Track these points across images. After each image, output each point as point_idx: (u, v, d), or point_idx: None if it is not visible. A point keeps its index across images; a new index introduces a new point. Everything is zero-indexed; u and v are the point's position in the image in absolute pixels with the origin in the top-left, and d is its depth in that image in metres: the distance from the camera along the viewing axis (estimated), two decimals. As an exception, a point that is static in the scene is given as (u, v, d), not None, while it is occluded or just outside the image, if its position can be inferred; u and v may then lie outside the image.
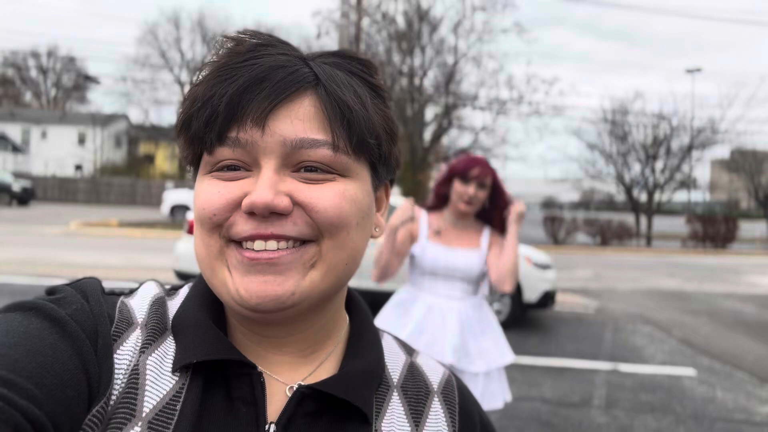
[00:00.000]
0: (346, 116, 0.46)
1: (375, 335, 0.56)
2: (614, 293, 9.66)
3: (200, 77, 0.47)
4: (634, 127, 22.52)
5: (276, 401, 0.48)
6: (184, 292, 0.54)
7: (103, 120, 41.62)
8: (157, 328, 0.49)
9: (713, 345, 6.28)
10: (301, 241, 0.46)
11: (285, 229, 0.45)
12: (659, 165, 22.50)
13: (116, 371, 0.45)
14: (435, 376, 0.57)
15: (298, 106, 0.46)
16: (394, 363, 0.56)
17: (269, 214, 0.45)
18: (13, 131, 41.10)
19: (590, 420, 3.79)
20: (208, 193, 0.47)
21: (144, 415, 0.43)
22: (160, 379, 0.46)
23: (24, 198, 25.69)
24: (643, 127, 22.40)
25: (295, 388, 0.49)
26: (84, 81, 43.20)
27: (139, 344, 0.47)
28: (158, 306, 0.51)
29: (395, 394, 0.53)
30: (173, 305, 0.52)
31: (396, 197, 7.11)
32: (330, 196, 0.46)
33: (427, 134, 26.19)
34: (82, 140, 41.27)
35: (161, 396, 0.45)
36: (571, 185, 24.64)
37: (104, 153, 40.53)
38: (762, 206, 49.16)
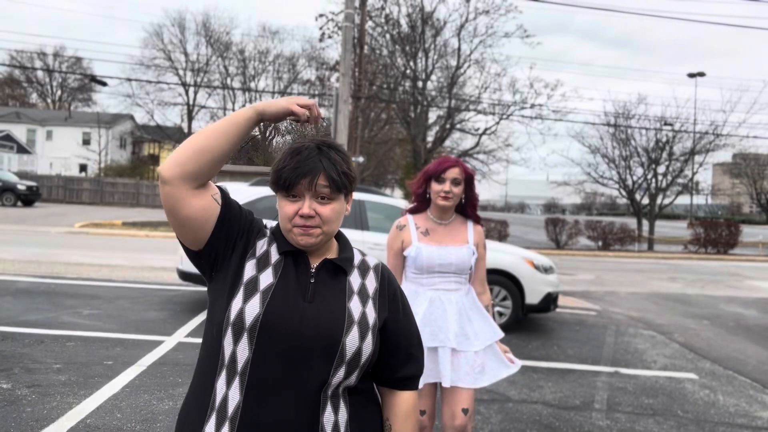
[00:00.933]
0: (334, 180, 1.17)
1: (350, 246, 1.29)
2: (616, 297, 9.67)
3: (285, 160, 1.18)
4: (637, 131, 22.49)
5: (313, 266, 1.22)
6: (276, 227, 1.26)
7: (108, 121, 41.76)
8: (271, 239, 1.24)
9: (715, 349, 6.29)
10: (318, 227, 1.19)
11: (312, 222, 1.17)
12: (661, 169, 22.47)
13: (258, 246, 1.22)
14: (372, 263, 1.30)
15: (319, 178, 1.16)
16: (356, 257, 1.29)
17: (308, 217, 1.17)
18: (19, 132, 41.25)
19: (591, 423, 3.81)
20: (288, 206, 1.18)
21: (272, 261, 1.20)
22: (276, 254, 1.21)
23: (29, 198, 25.78)
24: (646, 131, 22.37)
25: (321, 260, 1.22)
26: (90, 82, 43.36)
27: (267, 241, 1.23)
28: (272, 231, 1.26)
29: (355, 267, 1.27)
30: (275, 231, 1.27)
31: (397, 200, 7.43)
32: (328, 211, 1.18)
33: (430, 137, 26.23)
34: (86, 141, 41.40)
35: (276, 259, 1.20)
36: (573, 188, 24.57)
37: (109, 154, 40.66)
38: (765, 211, 49.02)
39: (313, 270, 1.20)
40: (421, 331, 2.21)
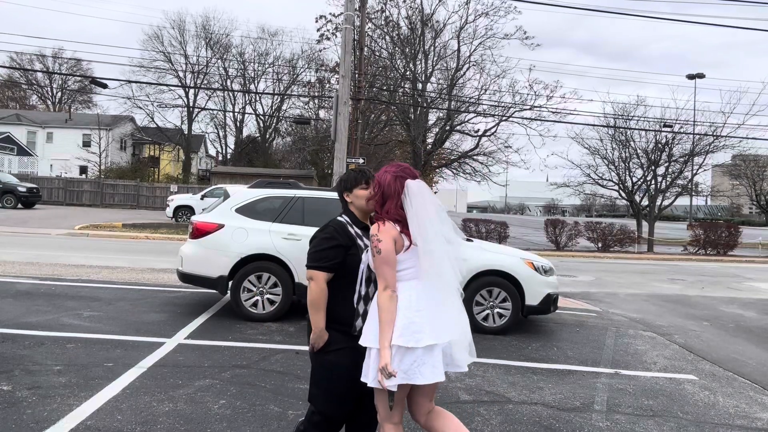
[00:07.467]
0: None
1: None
2: (616, 298, 9.67)
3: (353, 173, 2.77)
4: (636, 133, 22.49)
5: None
6: (349, 219, 2.72)
7: (108, 123, 41.75)
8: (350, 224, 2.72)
9: (715, 350, 6.29)
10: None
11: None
12: (661, 170, 22.47)
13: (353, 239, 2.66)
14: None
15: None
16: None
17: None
18: (19, 134, 41.26)
19: (591, 425, 3.81)
20: (363, 192, 2.71)
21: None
22: (354, 228, 2.66)
23: (30, 200, 25.78)
24: (645, 133, 22.36)
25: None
26: (90, 84, 43.38)
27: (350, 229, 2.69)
28: (349, 221, 2.74)
29: None
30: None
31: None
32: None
33: (430, 138, 26.24)
34: (87, 143, 41.38)
35: (357, 231, 2.66)
36: (573, 190, 24.55)
37: (109, 156, 40.66)
38: (764, 212, 49.04)
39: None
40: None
